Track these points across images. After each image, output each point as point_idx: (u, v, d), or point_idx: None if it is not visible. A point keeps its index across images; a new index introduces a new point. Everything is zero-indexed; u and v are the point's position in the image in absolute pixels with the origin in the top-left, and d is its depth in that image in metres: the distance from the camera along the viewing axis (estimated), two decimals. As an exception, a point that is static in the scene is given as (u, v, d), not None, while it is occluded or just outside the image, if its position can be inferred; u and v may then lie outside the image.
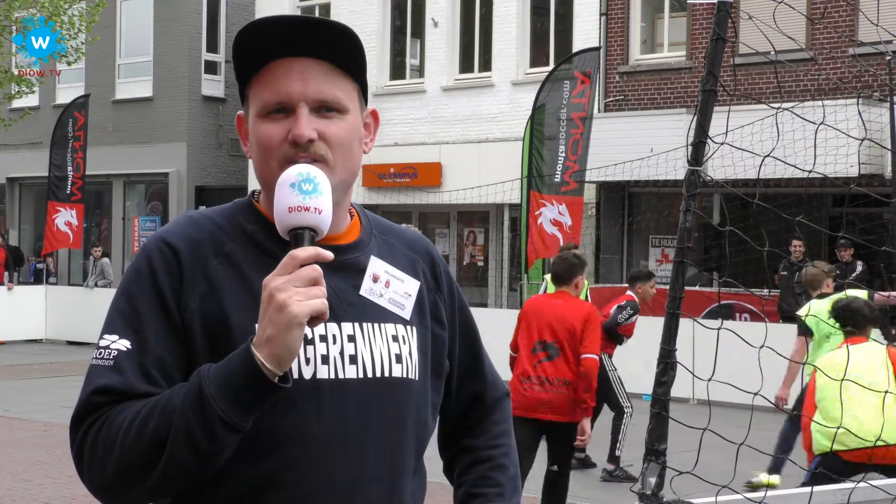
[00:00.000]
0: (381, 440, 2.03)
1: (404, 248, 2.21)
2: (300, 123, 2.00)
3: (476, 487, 2.26)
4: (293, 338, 1.82)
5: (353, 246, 2.11)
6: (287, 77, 2.02)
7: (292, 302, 1.81)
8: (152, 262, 2.01)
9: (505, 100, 23.25)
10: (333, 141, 2.03)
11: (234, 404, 1.83)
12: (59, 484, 9.42)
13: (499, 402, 2.37)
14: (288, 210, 1.90)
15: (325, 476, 1.97)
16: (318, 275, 1.85)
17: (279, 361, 1.83)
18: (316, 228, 1.91)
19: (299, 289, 1.82)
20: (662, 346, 3.56)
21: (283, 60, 2.02)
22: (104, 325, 2.00)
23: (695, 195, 3.56)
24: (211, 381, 1.84)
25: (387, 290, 2.11)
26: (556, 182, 17.73)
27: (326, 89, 2.03)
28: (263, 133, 2.04)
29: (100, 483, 1.92)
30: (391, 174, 24.06)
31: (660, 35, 22.28)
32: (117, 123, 29.25)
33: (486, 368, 2.36)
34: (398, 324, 2.10)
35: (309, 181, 1.91)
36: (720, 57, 3.55)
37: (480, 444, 2.31)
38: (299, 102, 2.01)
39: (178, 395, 1.87)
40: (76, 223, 22.64)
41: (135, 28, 29.55)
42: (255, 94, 2.07)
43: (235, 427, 1.84)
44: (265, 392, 1.84)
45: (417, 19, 25.15)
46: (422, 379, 2.12)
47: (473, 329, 2.34)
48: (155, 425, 1.85)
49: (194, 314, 1.97)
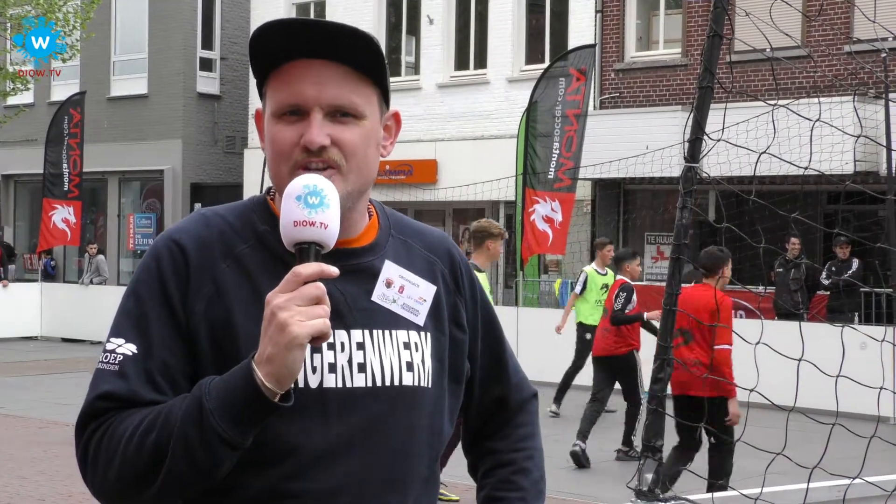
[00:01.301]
0: (389, 450, 2.00)
1: (423, 249, 2.15)
2: (312, 129, 1.96)
3: (498, 491, 2.23)
4: (293, 358, 1.78)
5: (368, 249, 2.06)
6: (303, 79, 1.97)
7: (293, 322, 1.76)
8: (160, 261, 1.98)
9: (500, 97, 23.24)
10: (348, 148, 1.98)
11: (232, 421, 1.81)
12: (54, 481, 9.41)
13: (524, 405, 2.32)
14: (293, 224, 1.84)
15: (332, 486, 1.95)
16: (322, 293, 1.80)
17: (279, 380, 1.79)
18: (322, 243, 1.85)
19: (301, 308, 1.77)
20: (659, 343, 3.56)
21: (301, 62, 1.98)
22: (112, 327, 1.98)
23: (691, 192, 3.57)
24: (212, 397, 1.82)
25: (400, 296, 2.06)
26: (549, 179, 17.74)
27: (342, 94, 1.98)
28: (276, 134, 1.99)
29: (102, 489, 1.91)
30: (386, 171, 24.04)
31: (655, 32, 22.28)
32: (112, 120, 29.21)
33: (510, 371, 2.30)
34: (411, 330, 2.06)
35: (315, 194, 1.85)
36: (717, 54, 3.56)
37: (503, 447, 2.27)
38: (314, 107, 1.97)
39: (178, 408, 1.85)
40: (74, 220, 22.61)
41: (130, 25, 29.51)
42: (271, 92, 2.02)
43: (233, 444, 1.82)
44: (265, 410, 1.81)
45: (413, 16, 25.14)
46: (436, 386, 2.08)
47: (497, 330, 2.29)
48: (156, 438, 1.84)
49: (200, 318, 1.94)
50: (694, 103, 3.58)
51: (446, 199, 23.05)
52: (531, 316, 16.36)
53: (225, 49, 29.40)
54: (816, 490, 3.82)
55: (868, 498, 3.91)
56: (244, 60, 28.58)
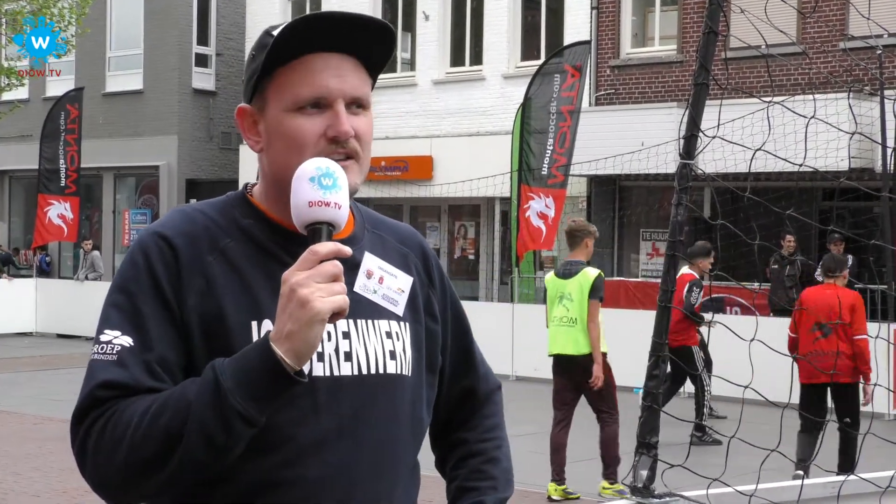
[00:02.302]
0: (377, 437, 2.03)
1: (396, 242, 2.20)
2: (342, 120, 2.00)
3: (469, 481, 2.26)
4: (314, 334, 1.82)
5: (348, 241, 2.08)
6: (325, 72, 2.01)
7: (315, 298, 1.80)
8: (149, 257, 1.99)
9: (496, 93, 23.24)
10: (364, 138, 2.04)
11: (251, 398, 1.83)
12: (49, 477, 9.41)
13: (491, 395, 2.37)
14: (308, 204, 1.88)
15: (323, 473, 1.97)
16: (339, 270, 1.84)
17: (299, 356, 1.83)
18: (334, 223, 1.91)
19: (321, 284, 1.82)
20: (654, 339, 3.55)
21: (320, 55, 2.02)
22: (102, 321, 1.97)
23: (686, 189, 3.57)
24: (228, 375, 1.84)
25: (380, 287, 2.10)
26: (543, 175, 17.74)
27: (360, 86, 2.04)
28: (296, 128, 2.01)
29: (105, 479, 1.89)
30: (382, 168, 24.02)
31: (651, 29, 22.29)
32: (108, 116, 29.17)
33: (477, 362, 2.35)
34: (392, 320, 2.10)
35: (328, 175, 1.90)
36: (712, 50, 3.56)
37: (472, 437, 2.31)
38: (337, 98, 2.01)
39: (191, 390, 1.85)
40: (71, 216, 22.58)
41: (125, 21, 29.46)
42: (283, 87, 2.03)
43: (252, 421, 1.84)
44: (283, 386, 1.84)
45: (408, 12, 25.12)
46: (416, 375, 2.12)
47: (465, 323, 2.34)
48: (168, 420, 1.84)
49: (192, 311, 1.96)
50: (689, 100, 3.58)
51: (442, 196, 23.04)
52: (527, 312, 16.35)
53: (220, 45, 29.36)
54: (811, 486, 3.83)
55: (863, 494, 3.91)
56: (240, 56, 28.56)
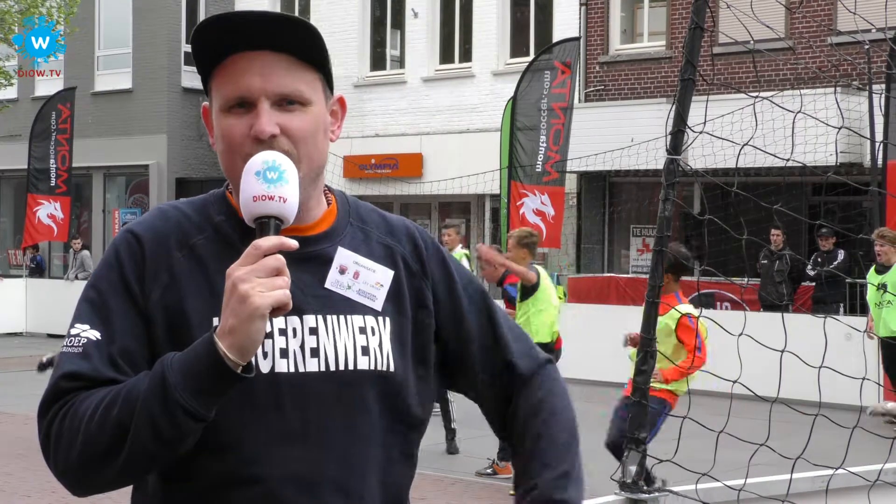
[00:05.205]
0: (345, 433, 2.01)
1: (383, 235, 2.17)
2: (261, 119, 1.99)
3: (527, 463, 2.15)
4: (255, 329, 1.81)
5: (322, 237, 2.09)
6: (247, 72, 2.00)
7: (254, 293, 1.80)
8: (119, 253, 2.03)
9: (486, 90, 23.24)
10: (297, 135, 2.01)
11: (196, 393, 1.83)
12: (40, 477, 9.39)
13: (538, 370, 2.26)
14: (252, 199, 1.90)
15: (287, 471, 1.96)
16: (282, 265, 1.84)
17: (242, 352, 1.82)
18: (281, 217, 1.90)
19: (262, 279, 1.81)
20: (643, 336, 3.56)
21: (244, 54, 2.01)
22: (74, 315, 2.01)
23: (674, 184, 3.57)
24: (174, 370, 1.84)
25: (356, 282, 2.08)
26: (537, 172, 17.74)
27: (288, 83, 2.01)
28: (227, 128, 2.02)
29: (66, 469, 1.93)
30: (372, 165, 24.02)
31: (640, 25, 22.31)
32: (97, 115, 29.10)
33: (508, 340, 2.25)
34: (367, 315, 2.07)
35: (273, 169, 1.90)
36: (698, 46, 3.57)
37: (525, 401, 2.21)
38: (260, 97, 2.00)
39: (141, 383, 1.87)
40: (61, 216, 22.53)
41: (114, 20, 29.39)
42: (216, 87, 2.05)
43: (196, 415, 1.84)
44: (228, 382, 1.84)
45: (397, 10, 25.11)
46: (399, 369, 2.09)
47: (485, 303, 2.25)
48: (118, 412, 1.86)
49: (156, 304, 1.98)
50: (676, 96, 3.59)
51: (432, 193, 23.04)
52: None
53: (209, 43, 29.29)
54: (800, 480, 3.84)
55: (851, 488, 3.93)
56: (229, 55, 28.49)
